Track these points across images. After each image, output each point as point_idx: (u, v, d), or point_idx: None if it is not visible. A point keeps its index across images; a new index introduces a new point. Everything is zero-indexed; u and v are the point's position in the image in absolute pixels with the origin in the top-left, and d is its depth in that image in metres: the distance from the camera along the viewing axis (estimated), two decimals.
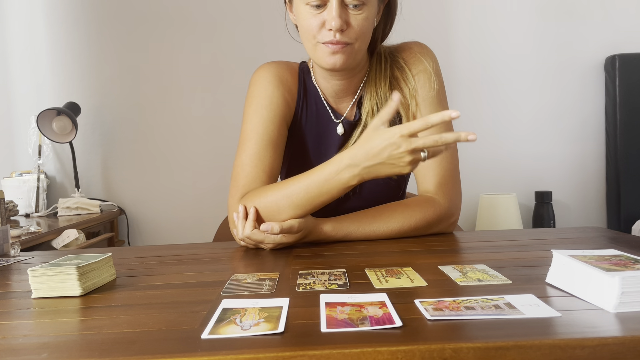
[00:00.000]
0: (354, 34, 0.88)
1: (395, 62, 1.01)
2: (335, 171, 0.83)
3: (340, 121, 1.03)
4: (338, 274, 0.66)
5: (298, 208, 0.86)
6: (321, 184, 0.84)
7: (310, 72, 1.06)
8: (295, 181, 0.87)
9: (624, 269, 0.50)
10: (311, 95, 1.04)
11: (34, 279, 0.62)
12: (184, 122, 2.39)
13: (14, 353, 0.44)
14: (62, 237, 1.67)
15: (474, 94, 2.41)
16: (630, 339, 0.41)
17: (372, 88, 1.00)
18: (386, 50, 1.04)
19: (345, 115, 1.04)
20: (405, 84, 0.99)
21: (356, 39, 0.89)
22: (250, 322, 0.48)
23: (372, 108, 0.99)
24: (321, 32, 0.88)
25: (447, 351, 0.41)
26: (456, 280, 0.61)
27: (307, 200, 0.86)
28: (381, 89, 0.99)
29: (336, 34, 0.86)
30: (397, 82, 1.00)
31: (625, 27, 2.39)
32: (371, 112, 0.99)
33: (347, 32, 0.87)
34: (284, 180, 0.92)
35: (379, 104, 0.99)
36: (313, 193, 0.85)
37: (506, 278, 0.61)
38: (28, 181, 2.20)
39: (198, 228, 2.36)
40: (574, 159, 2.44)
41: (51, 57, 2.38)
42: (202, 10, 2.36)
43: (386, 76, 1.00)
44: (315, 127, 1.04)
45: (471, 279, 0.61)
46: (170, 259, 0.83)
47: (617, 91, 2.30)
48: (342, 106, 1.04)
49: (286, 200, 0.86)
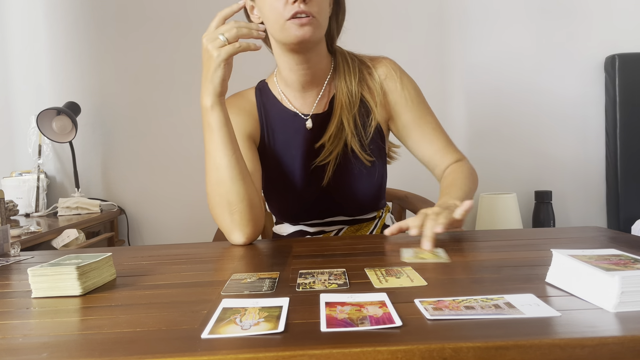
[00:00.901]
0: (316, 6, 0.94)
1: (364, 64, 1.10)
2: (202, 109, 0.92)
3: (309, 117, 1.08)
4: (338, 273, 0.66)
5: (218, 158, 0.92)
6: (205, 127, 0.92)
7: (268, 85, 1.13)
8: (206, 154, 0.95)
9: (624, 268, 0.51)
10: (272, 105, 1.11)
11: (34, 278, 0.62)
12: (184, 121, 2.39)
13: (14, 353, 0.44)
14: (62, 236, 1.67)
15: (473, 94, 2.41)
16: (630, 339, 0.41)
17: (343, 83, 1.07)
18: (353, 54, 1.12)
19: (313, 110, 1.09)
20: (374, 82, 1.09)
21: (318, 13, 0.95)
22: (250, 322, 0.48)
23: (344, 102, 1.06)
24: (286, 8, 0.93)
25: (447, 351, 0.41)
26: (405, 259, 0.73)
27: (215, 147, 0.92)
28: (353, 84, 1.07)
29: (300, 4, 0.91)
30: (365, 80, 1.09)
31: (625, 26, 2.39)
32: (344, 106, 1.06)
33: (310, 4, 0.93)
34: None
35: (351, 98, 1.06)
36: (209, 139, 0.92)
37: (447, 257, 0.73)
38: (28, 181, 2.20)
39: (198, 228, 2.36)
40: (573, 159, 2.44)
41: (51, 56, 2.38)
42: (202, 10, 2.36)
43: (355, 72, 1.07)
44: (282, 133, 1.09)
45: (417, 258, 0.72)
46: (170, 259, 0.83)
47: (617, 91, 2.30)
48: (309, 101, 1.09)
49: (211, 165, 0.92)
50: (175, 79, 2.38)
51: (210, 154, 0.92)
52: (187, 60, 2.37)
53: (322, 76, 1.08)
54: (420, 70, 2.33)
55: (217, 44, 0.87)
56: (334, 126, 1.05)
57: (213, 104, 0.90)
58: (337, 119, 1.05)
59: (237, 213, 0.92)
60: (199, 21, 2.36)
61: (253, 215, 0.93)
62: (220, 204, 0.92)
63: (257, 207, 0.94)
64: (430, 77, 2.39)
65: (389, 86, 1.09)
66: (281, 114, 1.10)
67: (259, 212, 0.95)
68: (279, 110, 1.10)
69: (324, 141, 1.06)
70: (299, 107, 1.09)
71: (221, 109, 0.91)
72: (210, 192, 0.94)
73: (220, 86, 0.89)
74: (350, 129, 1.05)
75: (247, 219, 0.92)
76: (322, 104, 1.09)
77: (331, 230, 1.15)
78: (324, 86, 1.08)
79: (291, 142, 1.09)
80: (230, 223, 0.92)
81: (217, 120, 0.91)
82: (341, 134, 1.05)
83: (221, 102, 0.91)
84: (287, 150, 1.09)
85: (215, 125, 0.91)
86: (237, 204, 0.91)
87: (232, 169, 0.91)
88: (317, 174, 1.08)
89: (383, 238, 0.95)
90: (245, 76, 1.44)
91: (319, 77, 1.07)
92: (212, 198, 0.94)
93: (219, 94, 0.90)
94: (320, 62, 1.06)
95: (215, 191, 0.92)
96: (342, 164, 1.07)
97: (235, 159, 0.92)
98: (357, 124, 1.07)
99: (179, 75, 2.38)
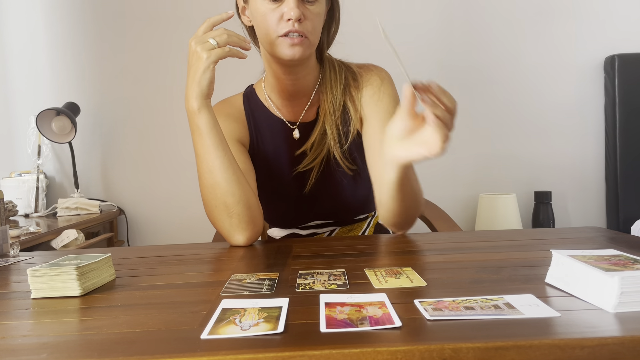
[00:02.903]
0: (310, 25, 0.94)
1: (350, 71, 1.08)
2: (189, 113, 0.93)
3: (296, 126, 1.08)
4: (337, 274, 0.66)
5: (211, 161, 0.90)
6: (194, 131, 0.92)
7: (255, 92, 1.11)
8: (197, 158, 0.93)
9: (624, 269, 0.51)
10: (260, 112, 1.10)
11: (34, 279, 0.62)
12: (184, 121, 2.36)
13: (13, 353, 0.44)
14: (62, 237, 1.67)
15: (473, 94, 2.41)
16: (630, 339, 0.41)
17: (328, 90, 1.05)
18: (341, 62, 1.10)
19: (300, 119, 1.08)
20: (357, 90, 1.06)
21: (311, 33, 0.94)
22: (250, 322, 0.48)
23: (327, 110, 1.05)
24: (280, 25, 0.93)
25: (447, 351, 0.41)
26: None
27: (206, 150, 0.91)
28: (337, 92, 1.05)
29: (294, 23, 0.91)
30: (349, 88, 1.06)
31: (624, 27, 2.39)
32: (327, 113, 1.05)
33: (304, 24, 0.93)
34: None
35: (334, 105, 1.05)
36: (199, 143, 0.91)
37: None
38: (27, 181, 2.20)
39: (198, 228, 2.35)
40: (573, 159, 2.44)
41: (50, 57, 2.38)
42: (201, 10, 2.36)
43: (341, 80, 1.06)
44: (270, 140, 1.09)
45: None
46: (170, 259, 0.83)
47: (616, 91, 2.30)
48: (296, 110, 1.08)
49: (204, 168, 0.91)
50: (175, 79, 2.38)
51: (201, 157, 0.91)
52: (187, 61, 2.36)
53: (310, 87, 1.07)
54: (420, 70, 2.33)
55: (207, 46, 0.88)
56: (317, 133, 1.04)
57: (200, 107, 0.90)
58: (321, 126, 1.05)
59: (235, 215, 0.91)
60: (199, 21, 2.35)
61: (251, 216, 0.92)
62: (217, 207, 0.91)
63: (254, 208, 0.93)
64: (430, 77, 2.39)
65: (367, 93, 1.05)
66: (269, 121, 1.09)
67: (257, 212, 0.94)
68: (267, 118, 1.09)
69: (307, 148, 1.05)
70: (286, 116, 1.09)
71: (208, 111, 0.90)
72: (205, 196, 0.93)
73: (207, 88, 0.89)
74: (332, 136, 1.04)
75: (246, 221, 0.91)
76: (310, 113, 1.08)
77: (323, 231, 1.15)
78: (312, 96, 1.07)
79: (279, 149, 1.08)
80: (229, 226, 0.92)
81: (206, 122, 0.90)
82: (324, 141, 1.04)
83: (208, 105, 0.90)
84: (274, 157, 1.09)
85: (205, 128, 0.90)
86: (235, 206, 0.90)
87: (225, 170, 0.90)
88: (300, 180, 1.08)
89: (383, 239, 0.95)
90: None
91: (307, 88, 1.06)
92: (208, 202, 0.93)
93: (205, 96, 0.90)
94: (309, 74, 1.05)
95: (211, 194, 0.91)
96: (325, 170, 1.06)
97: (227, 160, 0.91)
98: (340, 131, 1.05)
99: (178, 76, 2.38)
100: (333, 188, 1.08)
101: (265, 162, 1.09)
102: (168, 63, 2.38)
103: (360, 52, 1.28)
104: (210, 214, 0.94)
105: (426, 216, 1.39)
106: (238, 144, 1.06)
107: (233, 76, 1.55)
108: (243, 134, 1.09)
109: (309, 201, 1.09)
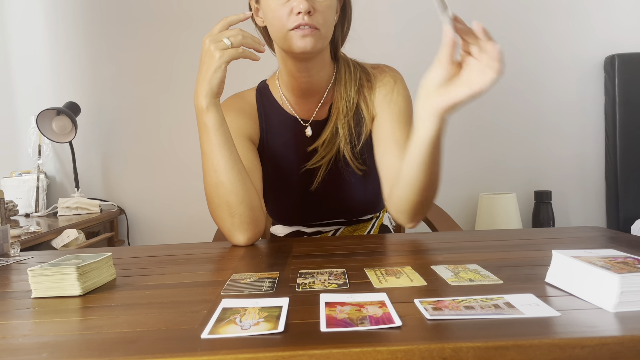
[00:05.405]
0: (321, 18, 0.93)
1: (364, 72, 1.08)
2: (197, 110, 0.91)
3: (309, 124, 1.08)
4: (338, 273, 0.66)
5: (216, 160, 0.90)
6: (201, 128, 0.91)
7: (269, 87, 1.11)
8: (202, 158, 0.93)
9: (624, 268, 0.51)
10: (273, 109, 1.10)
11: (34, 278, 0.62)
12: (184, 121, 2.39)
13: (13, 353, 0.44)
14: (62, 236, 1.67)
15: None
16: (630, 339, 0.41)
17: (342, 89, 1.06)
18: (356, 62, 1.10)
19: (313, 117, 1.08)
20: (371, 91, 1.07)
21: (322, 25, 0.94)
22: (250, 322, 0.48)
23: (341, 109, 1.05)
24: (290, 19, 0.93)
25: (447, 351, 0.41)
26: (447, 280, 0.61)
27: (212, 149, 0.90)
28: (352, 91, 1.05)
29: (304, 16, 0.91)
30: (362, 89, 1.07)
31: (624, 26, 2.39)
32: (340, 112, 1.05)
33: (314, 16, 0.93)
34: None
35: (348, 105, 1.05)
36: (206, 141, 0.91)
37: (497, 278, 0.60)
38: (28, 181, 2.20)
39: (198, 228, 2.36)
40: (573, 159, 2.44)
41: (51, 57, 2.38)
42: (202, 10, 2.36)
43: (356, 80, 1.06)
44: (281, 136, 1.09)
45: (463, 279, 0.61)
46: (170, 259, 0.83)
47: (616, 91, 2.30)
48: (309, 107, 1.09)
49: (209, 167, 0.91)
50: (175, 79, 2.38)
51: (207, 155, 0.92)
52: (187, 61, 2.37)
53: (324, 84, 1.07)
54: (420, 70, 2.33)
55: (221, 45, 0.87)
56: (329, 131, 1.05)
57: (209, 105, 0.89)
58: (333, 124, 1.05)
59: (237, 215, 0.91)
60: (200, 21, 2.36)
61: (253, 217, 0.92)
62: (219, 206, 0.92)
63: (257, 209, 0.93)
64: None
65: (380, 93, 1.06)
66: (281, 117, 1.09)
67: (259, 213, 0.94)
68: (279, 114, 1.09)
69: (317, 145, 1.05)
70: (300, 113, 1.09)
71: (217, 110, 0.90)
72: (209, 194, 0.93)
73: (217, 87, 0.89)
74: (344, 135, 1.04)
75: (248, 222, 0.92)
76: (322, 111, 1.09)
77: (328, 230, 1.15)
78: (325, 94, 1.08)
79: (289, 146, 1.09)
80: (230, 225, 0.92)
81: (214, 121, 0.90)
82: (335, 139, 1.05)
83: (216, 104, 0.90)
84: (284, 154, 1.09)
85: (212, 127, 0.90)
86: (237, 206, 0.91)
87: (230, 170, 0.90)
88: (308, 178, 1.08)
89: (383, 238, 0.95)
90: (245, 75, 1.44)
91: (320, 85, 1.07)
92: (211, 200, 0.93)
93: (215, 94, 0.89)
94: (322, 71, 1.05)
95: (214, 193, 0.92)
96: (334, 169, 1.07)
97: (233, 160, 0.91)
98: (352, 131, 1.06)
99: (179, 76, 2.38)
100: (340, 187, 1.08)
101: (274, 158, 1.09)
102: (168, 63, 2.38)
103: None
104: (213, 212, 0.94)
105: (426, 216, 1.39)
106: (247, 141, 1.06)
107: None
108: (253, 129, 1.09)
109: (316, 199, 1.09)
